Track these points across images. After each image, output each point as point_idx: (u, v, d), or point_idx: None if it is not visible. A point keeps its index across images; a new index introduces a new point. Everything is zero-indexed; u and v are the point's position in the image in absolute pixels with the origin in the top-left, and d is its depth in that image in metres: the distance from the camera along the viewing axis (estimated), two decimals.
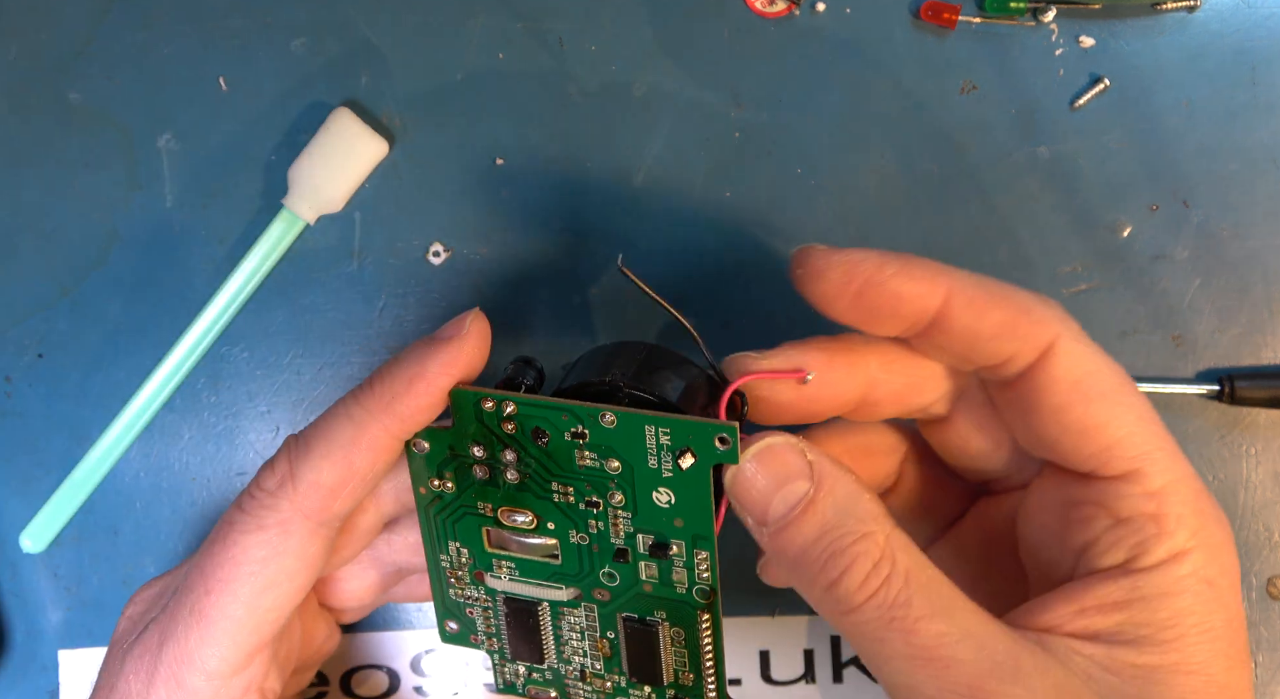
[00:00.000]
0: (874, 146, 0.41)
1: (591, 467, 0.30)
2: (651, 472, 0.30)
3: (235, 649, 0.30)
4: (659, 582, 0.32)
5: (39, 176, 0.41)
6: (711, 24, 0.41)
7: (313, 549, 0.30)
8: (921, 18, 0.40)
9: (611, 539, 0.31)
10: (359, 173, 0.40)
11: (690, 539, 0.31)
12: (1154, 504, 0.28)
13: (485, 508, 0.32)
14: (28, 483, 0.41)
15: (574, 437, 0.30)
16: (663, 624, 0.32)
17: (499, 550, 0.33)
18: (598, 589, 0.32)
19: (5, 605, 0.41)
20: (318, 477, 0.30)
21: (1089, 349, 0.29)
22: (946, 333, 0.29)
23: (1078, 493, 0.30)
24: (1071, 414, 0.29)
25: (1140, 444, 0.29)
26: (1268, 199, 0.41)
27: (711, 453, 0.29)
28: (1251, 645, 0.41)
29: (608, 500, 0.31)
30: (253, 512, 0.30)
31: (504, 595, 0.33)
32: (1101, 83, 0.40)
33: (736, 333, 0.41)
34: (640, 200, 0.41)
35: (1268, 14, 0.41)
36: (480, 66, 0.41)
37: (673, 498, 0.30)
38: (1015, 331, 0.29)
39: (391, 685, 0.41)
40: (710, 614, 0.32)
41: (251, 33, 0.41)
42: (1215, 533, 0.29)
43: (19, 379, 0.41)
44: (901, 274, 0.29)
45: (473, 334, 0.30)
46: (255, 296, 0.41)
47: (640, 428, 0.29)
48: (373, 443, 0.30)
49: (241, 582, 0.29)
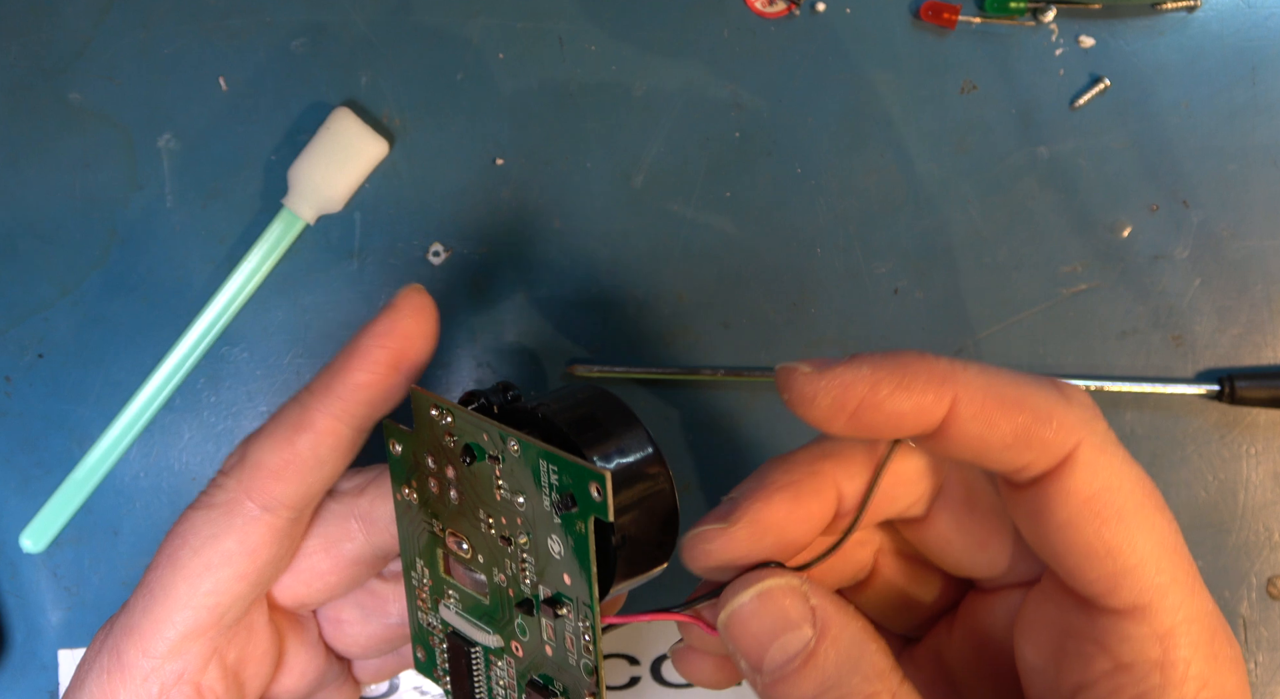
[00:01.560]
0: (874, 146, 0.41)
1: (505, 499, 0.28)
2: (546, 514, 0.27)
3: (170, 626, 0.30)
4: (555, 643, 0.28)
5: (39, 176, 0.41)
6: (711, 24, 0.41)
7: (255, 535, 0.30)
8: (921, 18, 0.40)
9: (522, 586, 0.28)
10: (359, 173, 0.40)
11: (575, 603, 0.27)
12: (1161, 649, 0.25)
13: (437, 527, 0.30)
14: (28, 483, 0.41)
15: (492, 460, 0.28)
16: (558, 696, 0.28)
17: (449, 577, 0.30)
18: (514, 640, 0.29)
19: (5, 605, 0.41)
20: (261, 456, 0.30)
21: (1112, 460, 0.25)
22: (953, 441, 0.26)
23: (1078, 623, 0.26)
24: (1081, 533, 0.25)
25: (1153, 576, 0.25)
26: (1268, 199, 0.41)
27: (588, 503, 0.25)
28: (1252, 645, 0.41)
29: (515, 540, 0.28)
30: (208, 490, 0.30)
31: (449, 630, 0.31)
32: (1101, 83, 0.40)
33: (735, 333, 0.41)
34: (640, 200, 0.41)
35: (1268, 14, 0.41)
36: (480, 66, 0.41)
37: (563, 549, 0.27)
38: (1030, 442, 0.25)
39: (391, 685, 0.41)
40: (595, 697, 0.27)
41: (251, 33, 0.41)
42: (1229, 680, 0.25)
43: (19, 379, 0.41)
44: (900, 391, 0.25)
45: (405, 305, 0.30)
46: (255, 296, 0.41)
47: (536, 460, 0.26)
48: (313, 424, 0.30)
49: (184, 558, 0.30)
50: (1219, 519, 0.41)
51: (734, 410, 0.41)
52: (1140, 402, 0.41)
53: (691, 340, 0.41)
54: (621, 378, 0.40)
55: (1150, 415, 0.41)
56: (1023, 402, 0.25)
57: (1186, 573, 0.25)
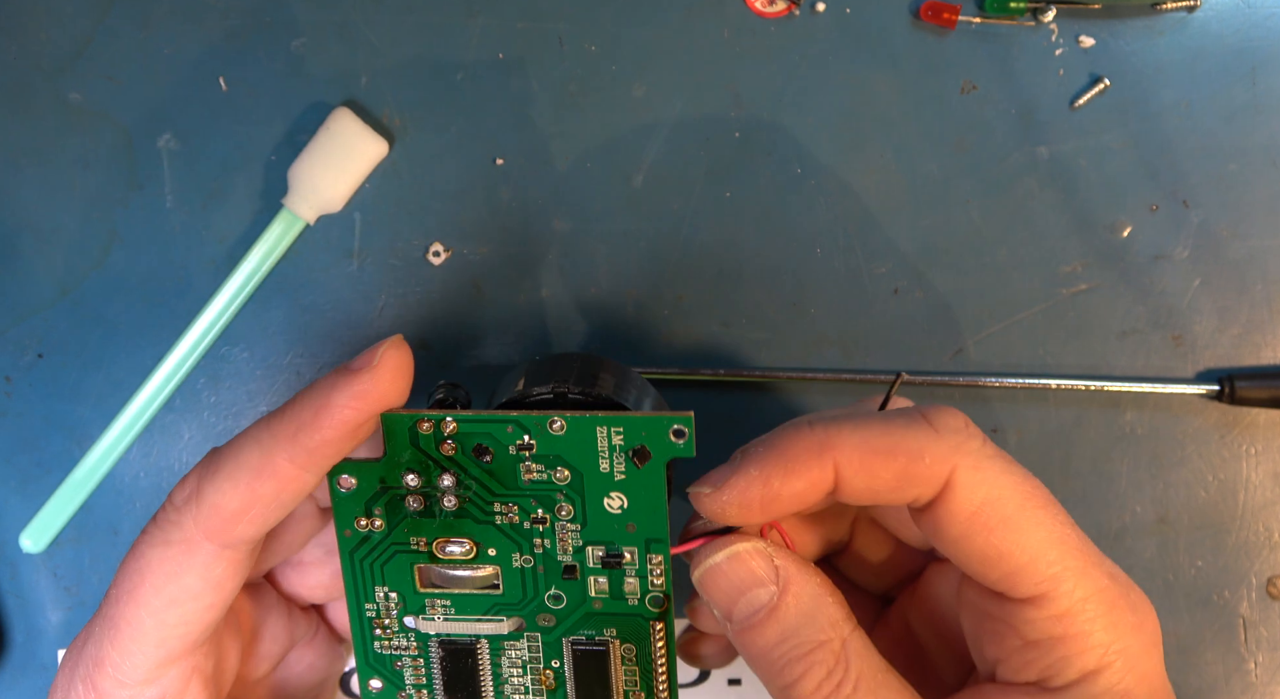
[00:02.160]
0: (874, 146, 0.41)
1: (538, 480, 0.30)
2: (603, 477, 0.30)
3: (144, 658, 0.29)
4: (609, 596, 0.31)
5: (39, 176, 0.41)
6: (711, 24, 0.41)
7: (218, 571, 0.29)
8: (921, 18, 0.40)
9: (559, 557, 0.31)
10: (359, 173, 0.40)
11: (643, 544, 0.30)
12: (1062, 626, 0.28)
13: (419, 543, 0.31)
14: (28, 483, 0.41)
15: (520, 449, 0.30)
16: (613, 642, 0.31)
17: (432, 589, 0.31)
18: (542, 615, 0.31)
19: (5, 605, 0.41)
20: (220, 499, 0.29)
21: (988, 474, 0.28)
22: (848, 496, 0.29)
23: (991, 608, 0.29)
24: (974, 544, 0.28)
25: (1044, 568, 0.28)
26: (1267, 199, 0.41)
27: (667, 447, 0.29)
28: (1252, 645, 0.41)
29: (555, 514, 0.30)
30: (162, 525, 0.29)
31: (437, 639, 0.32)
32: (1101, 83, 0.40)
33: (735, 333, 0.41)
34: (640, 200, 0.41)
35: (1268, 14, 0.41)
36: (480, 66, 0.41)
37: (625, 502, 0.30)
38: (911, 480, 0.28)
39: None
40: (664, 623, 0.31)
41: (251, 33, 0.41)
42: (1132, 643, 0.28)
43: (19, 379, 0.41)
44: (789, 477, 0.28)
45: (385, 365, 0.28)
46: (255, 296, 0.41)
47: (592, 431, 0.29)
48: (277, 472, 0.28)
49: (147, 594, 0.29)
50: (1219, 519, 0.41)
51: (734, 410, 0.41)
52: (1140, 401, 0.41)
53: (691, 340, 0.41)
54: None
55: (1150, 415, 0.41)
56: (895, 448, 0.28)
57: (1077, 557, 0.28)
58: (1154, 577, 0.41)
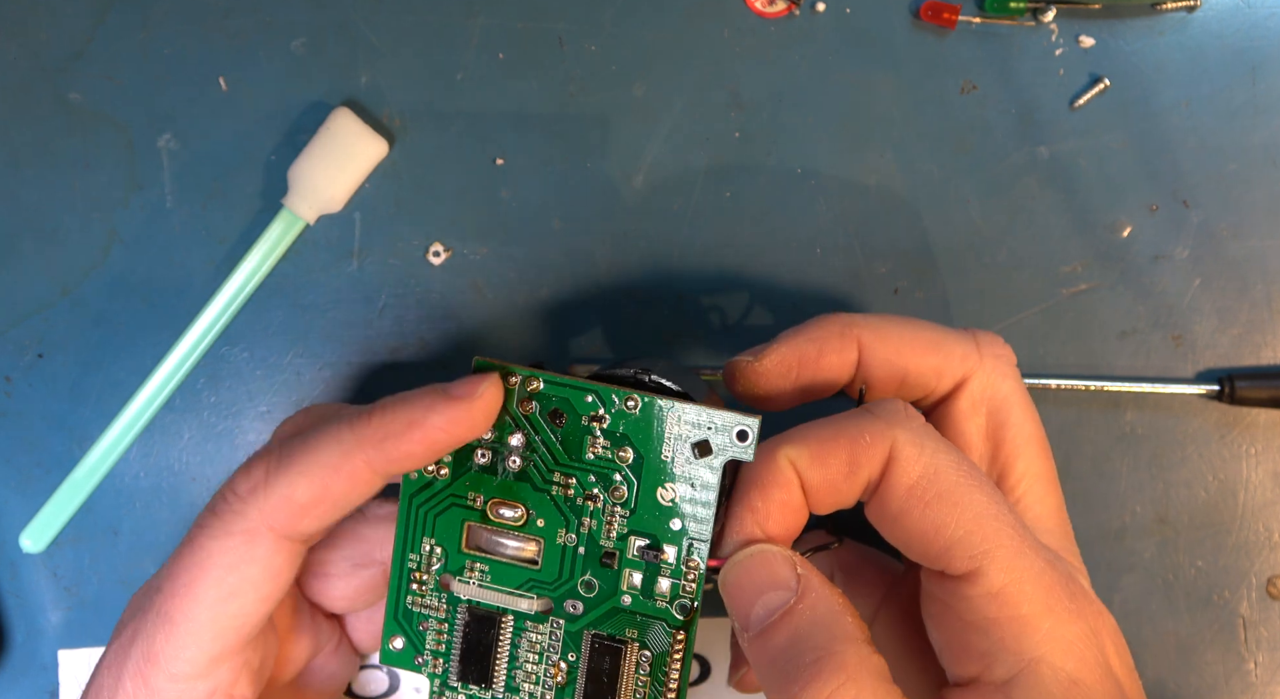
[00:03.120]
0: (874, 146, 0.41)
1: (602, 456, 0.31)
2: (662, 465, 0.30)
3: (200, 652, 0.29)
4: (640, 593, 0.31)
5: (39, 176, 0.41)
6: (711, 24, 0.41)
7: (279, 561, 0.30)
8: (921, 18, 0.40)
9: (601, 541, 0.31)
10: (359, 173, 0.40)
11: (685, 545, 0.31)
12: (996, 607, 0.28)
13: (475, 499, 0.32)
14: (28, 483, 0.41)
15: (591, 421, 0.31)
16: (630, 644, 0.31)
17: (475, 552, 0.32)
18: (571, 600, 0.32)
19: (5, 605, 0.41)
20: (292, 492, 0.29)
21: (923, 451, 0.29)
22: (816, 499, 0.30)
23: (935, 589, 0.30)
24: (910, 519, 0.29)
25: (978, 543, 0.28)
26: (1268, 199, 0.41)
27: (728, 446, 0.30)
28: (1252, 645, 0.41)
29: (609, 495, 0.31)
30: (222, 516, 0.29)
31: (467, 604, 0.32)
32: (1101, 83, 0.40)
33: (736, 333, 0.41)
34: (640, 200, 0.41)
35: (1268, 14, 0.41)
36: (480, 66, 0.41)
37: (677, 495, 0.30)
38: (858, 468, 0.29)
39: (391, 686, 0.41)
40: (686, 634, 0.31)
41: (251, 33, 0.41)
42: (1071, 628, 0.28)
43: (19, 379, 0.41)
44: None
45: (485, 399, 0.30)
46: (255, 296, 0.41)
47: (662, 414, 0.30)
48: (354, 473, 0.29)
49: (206, 587, 0.29)
50: (1219, 519, 0.41)
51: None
52: (1140, 402, 0.41)
53: (691, 340, 0.41)
54: None
55: (1150, 415, 0.41)
56: (838, 436, 0.30)
57: (1011, 537, 0.28)
58: (1154, 577, 0.41)
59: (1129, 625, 0.40)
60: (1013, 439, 0.33)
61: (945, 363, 0.33)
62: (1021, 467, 0.33)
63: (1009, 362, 0.34)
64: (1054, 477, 0.33)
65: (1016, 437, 0.33)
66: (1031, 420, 0.33)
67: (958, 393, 0.33)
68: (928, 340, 0.33)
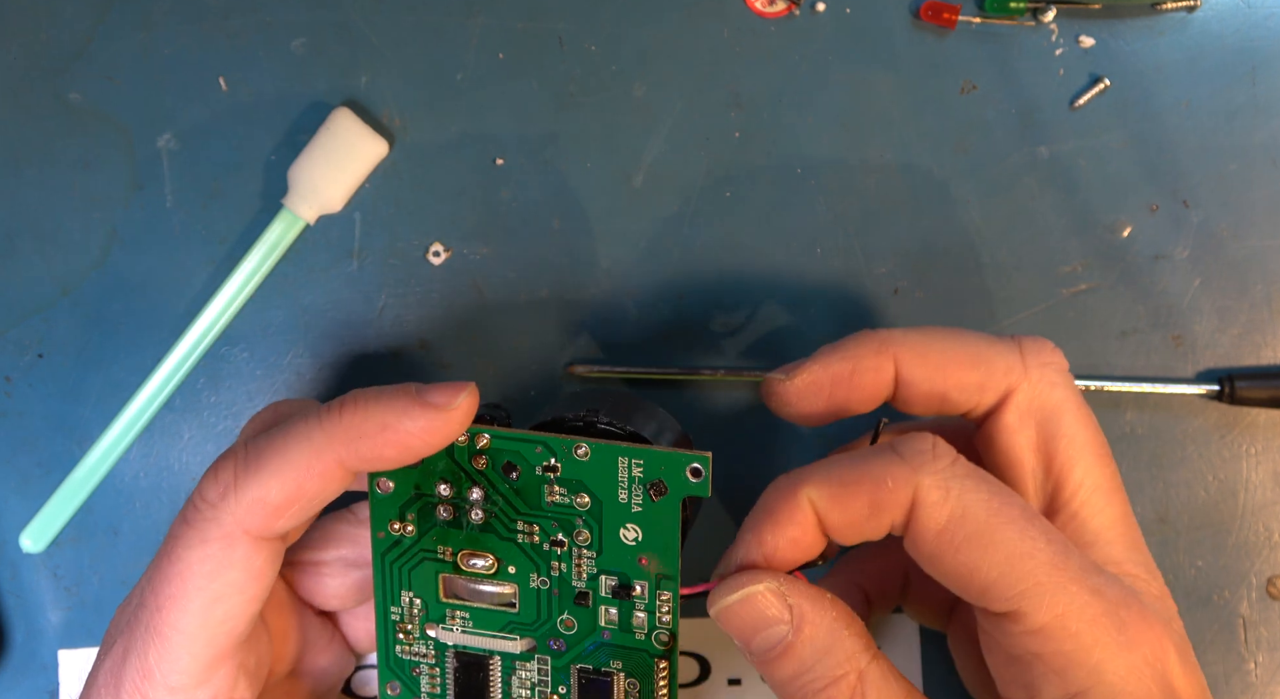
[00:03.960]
0: (874, 146, 0.41)
1: (560, 503, 0.31)
2: (620, 507, 0.30)
3: (194, 661, 0.29)
4: (618, 627, 0.32)
5: (39, 176, 0.41)
6: (711, 24, 0.41)
7: (259, 562, 0.29)
8: (921, 18, 0.40)
9: (573, 582, 0.31)
10: (359, 173, 0.40)
11: (654, 579, 0.31)
12: (1038, 643, 0.28)
13: (445, 552, 0.32)
14: (28, 483, 0.41)
15: (545, 470, 0.31)
16: (618, 675, 0.32)
17: (454, 600, 0.32)
18: (554, 639, 0.32)
19: (5, 605, 0.41)
20: (264, 494, 0.29)
21: (951, 493, 0.29)
22: (837, 534, 0.30)
23: (982, 621, 0.30)
24: (944, 562, 0.29)
25: (1014, 584, 0.28)
26: (1268, 199, 0.41)
27: (683, 485, 0.30)
28: (1252, 645, 0.41)
29: (573, 539, 0.31)
30: (195, 524, 0.29)
31: (454, 649, 0.33)
32: (1101, 83, 0.40)
33: (735, 333, 0.41)
34: (640, 200, 0.41)
35: (1268, 14, 0.41)
36: (480, 66, 0.41)
37: (640, 534, 0.31)
38: (881, 508, 0.29)
39: None
40: (668, 661, 0.31)
41: (251, 33, 0.41)
42: (1119, 661, 0.28)
43: (19, 379, 0.41)
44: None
45: (461, 410, 0.29)
46: (255, 296, 0.41)
47: (613, 459, 0.30)
48: (326, 472, 0.29)
49: (190, 597, 0.29)
50: (1219, 519, 0.41)
51: (734, 410, 0.41)
52: (1140, 402, 0.41)
53: (691, 340, 0.41)
54: (621, 378, 0.40)
55: (1150, 415, 0.41)
56: (861, 478, 0.29)
57: (1050, 572, 0.28)
58: None
59: None
60: (1066, 450, 0.32)
61: (988, 377, 0.32)
62: (1078, 477, 0.32)
63: (1059, 368, 0.33)
64: (1116, 484, 0.32)
65: (1070, 447, 0.32)
66: (1087, 428, 0.32)
67: (1004, 406, 0.32)
68: (969, 355, 0.32)
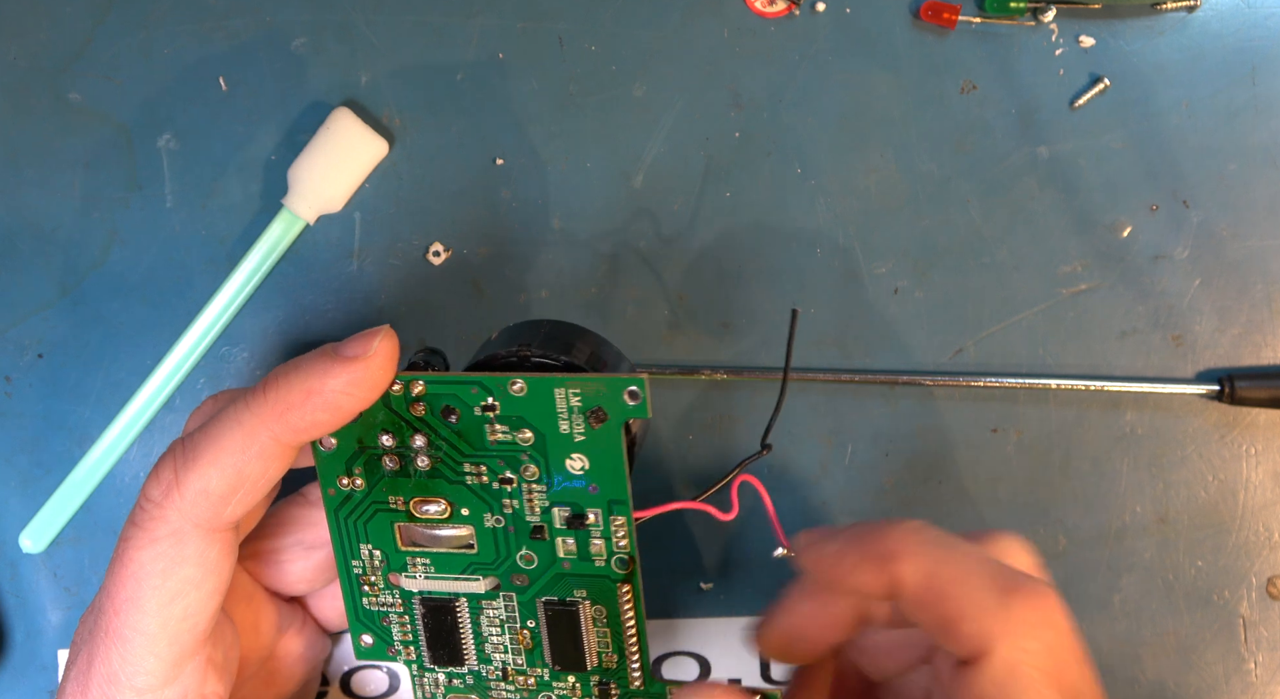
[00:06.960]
0: (874, 146, 0.41)
1: (503, 441, 0.31)
2: (563, 438, 0.30)
3: (158, 663, 0.29)
4: (577, 557, 0.32)
5: (39, 176, 0.41)
6: (711, 24, 0.41)
7: (213, 554, 0.29)
8: (921, 18, 0.40)
9: (527, 517, 0.31)
10: (359, 173, 0.40)
11: (606, 505, 0.31)
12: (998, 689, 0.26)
13: (397, 502, 0.32)
14: (28, 483, 0.41)
15: (484, 410, 0.30)
16: (583, 603, 0.32)
17: (412, 548, 0.32)
18: (516, 574, 0.32)
19: (5, 605, 0.41)
20: (205, 485, 0.28)
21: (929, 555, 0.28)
22: None
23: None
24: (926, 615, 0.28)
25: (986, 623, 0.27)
26: (1268, 199, 0.41)
27: (623, 409, 0.29)
28: (1252, 645, 0.41)
29: (521, 475, 0.31)
30: (143, 524, 0.29)
31: (420, 596, 0.33)
32: (1101, 83, 0.40)
33: (736, 333, 0.41)
34: (640, 200, 0.41)
35: (1268, 14, 0.41)
36: (480, 66, 0.41)
37: (586, 463, 0.30)
38: (875, 587, 0.28)
39: (391, 685, 0.41)
40: (630, 585, 0.32)
41: (251, 33, 0.41)
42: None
43: (19, 379, 0.41)
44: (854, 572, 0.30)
45: (380, 355, 0.29)
46: (255, 296, 0.41)
47: (550, 392, 0.30)
48: (264, 452, 0.29)
49: (146, 597, 0.29)
50: (1219, 519, 0.41)
51: (734, 410, 0.41)
52: (1140, 402, 0.41)
53: (691, 340, 0.41)
54: None
55: (1150, 415, 0.41)
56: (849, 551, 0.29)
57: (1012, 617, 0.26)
58: (1154, 577, 0.41)
59: (1129, 625, 0.40)
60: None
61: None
62: None
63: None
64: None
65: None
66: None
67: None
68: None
